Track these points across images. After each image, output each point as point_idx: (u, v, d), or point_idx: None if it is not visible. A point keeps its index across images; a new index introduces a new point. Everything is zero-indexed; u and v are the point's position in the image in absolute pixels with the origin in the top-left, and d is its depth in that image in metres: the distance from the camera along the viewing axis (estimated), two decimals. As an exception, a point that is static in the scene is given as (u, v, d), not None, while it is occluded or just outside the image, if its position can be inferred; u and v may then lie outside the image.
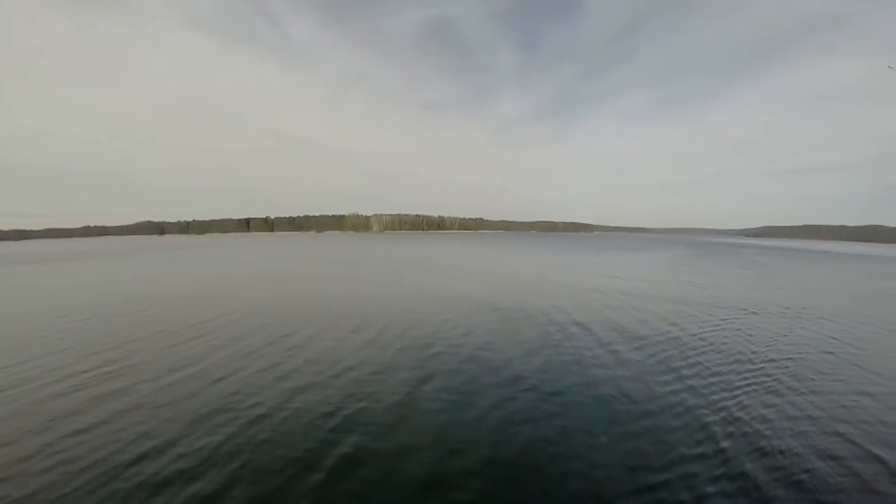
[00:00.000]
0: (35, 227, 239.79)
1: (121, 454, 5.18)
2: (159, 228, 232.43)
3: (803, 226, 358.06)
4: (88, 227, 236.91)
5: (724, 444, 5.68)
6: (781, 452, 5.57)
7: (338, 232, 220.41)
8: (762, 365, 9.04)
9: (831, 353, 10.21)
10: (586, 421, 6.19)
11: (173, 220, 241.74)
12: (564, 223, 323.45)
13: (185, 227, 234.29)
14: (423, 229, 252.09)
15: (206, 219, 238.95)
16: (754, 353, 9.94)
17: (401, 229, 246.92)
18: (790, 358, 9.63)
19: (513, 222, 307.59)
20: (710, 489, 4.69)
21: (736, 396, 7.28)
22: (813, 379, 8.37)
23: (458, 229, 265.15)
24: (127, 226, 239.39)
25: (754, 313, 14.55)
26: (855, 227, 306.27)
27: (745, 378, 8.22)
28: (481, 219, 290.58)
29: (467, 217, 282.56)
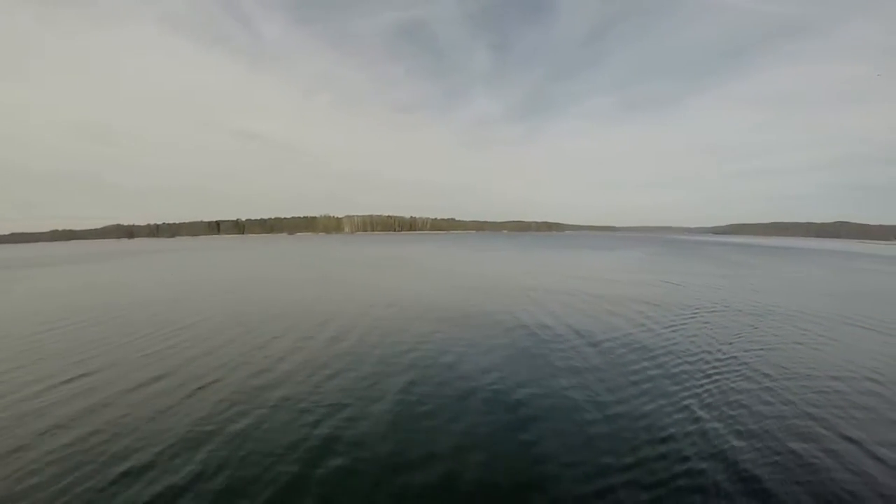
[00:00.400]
0: (0, 232, 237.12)
1: (96, 473, 4.91)
2: (128, 232, 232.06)
3: (771, 223, 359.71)
4: (56, 230, 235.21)
5: (693, 430, 5.90)
6: (753, 437, 5.74)
7: (310, 233, 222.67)
8: (731, 358, 9.20)
9: (801, 343, 10.45)
10: (558, 419, 6.22)
11: (143, 223, 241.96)
12: (536, 223, 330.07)
13: (155, 231, 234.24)
14: (395, 230, 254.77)
15: (176, 221, 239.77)
16: (723, 346, 10.07)
17: (373, 230, 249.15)
18: (759, 350, 9.81)
19: (485, 222, 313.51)
20: (679, 479, 4.82)
21: (704, 387, 7.44)
22: (785, 369, 8.54)
23: (431, 230, 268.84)
24: (96, 229, 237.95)
25: (722, 309, 14.83)
26: (822, 224, 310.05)
27: (714, 370, 8.39)
28: (453, 219, 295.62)
29: (439, 217, 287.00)
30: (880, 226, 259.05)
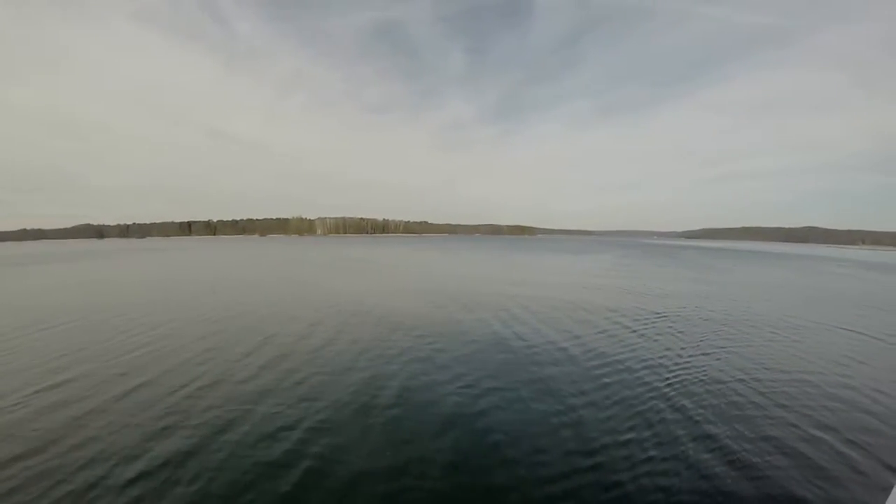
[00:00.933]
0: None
1: (67, 481, 4.78)
2: (98, 232, 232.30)
3: (742, 228, 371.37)
4: (25, 230, 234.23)
5: (659, 429, 6.03)
6: (718, 435, 5.89)
7: (282, 235, 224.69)
8: (696, 358, 9.39)
9: (770, 343, 10.74)
10: (523, 422, 6.26)
11: (113, 222, 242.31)
12: (509, 226, 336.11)
13: (126, 231, 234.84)
14: (367, 232, 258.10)
15: (147, 221, 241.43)
16: (689, 348, 10.22)
17: (345, 233, 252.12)
18: (725, 351, 10.01)
19: (458, 225, 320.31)
20: (643, 479, 4.91)
21: (669, 387, 7.57)
22: (752, 368, 8.69)
23: (403, 232, 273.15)
24: (65, 229, 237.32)
25: (690, 311, 15.09)
26: (791, 229, 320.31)
27: (683, 370, 8.52)
28: (426, 222, 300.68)
29: (412, 220, 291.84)
30: (847, 231, 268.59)
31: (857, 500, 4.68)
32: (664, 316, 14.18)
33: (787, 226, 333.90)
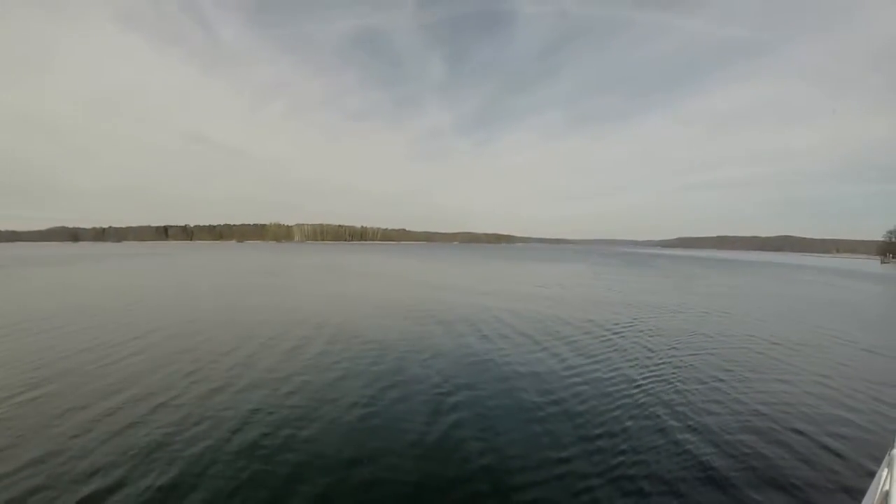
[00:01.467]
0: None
1: (53, 497, 4.49)
2: (73, 235, 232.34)
3: (718, 237, 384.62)
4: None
5: (629, 430, 6.04)
6: (688, 431, 5.98)
7: (259, 241, 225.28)
8: (672, 359, 9.67)
9: (747, 348, 11.00)
10: (498, 420, 6.37)
11: (88, 226, 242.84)
12: (487, 234, 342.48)
13: (101, 235, 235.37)
14: (345, 240, 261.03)
15: (123, 225, 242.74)
16: (667, 351, 10.45)
17: (323, 240, 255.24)
18: (699, 353, 10.30)
19: (435, 233, 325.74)
20: (616, 471, 4.96)
21: (645, 388, 7.72)
22: (730, 371, 8.91)
23: (381, 240, 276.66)
24: (39, 231, 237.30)
25: (669, 316, 15.49)
26: (767, 238, 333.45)
27: (656, 372, 8.69)
28: (404, 229, 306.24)
29: (390, 228, 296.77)
30: (822, 240, 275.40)
31: (837, 491, 4.69)
32: (641, 322, 14.41)
33: (762, 235, 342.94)
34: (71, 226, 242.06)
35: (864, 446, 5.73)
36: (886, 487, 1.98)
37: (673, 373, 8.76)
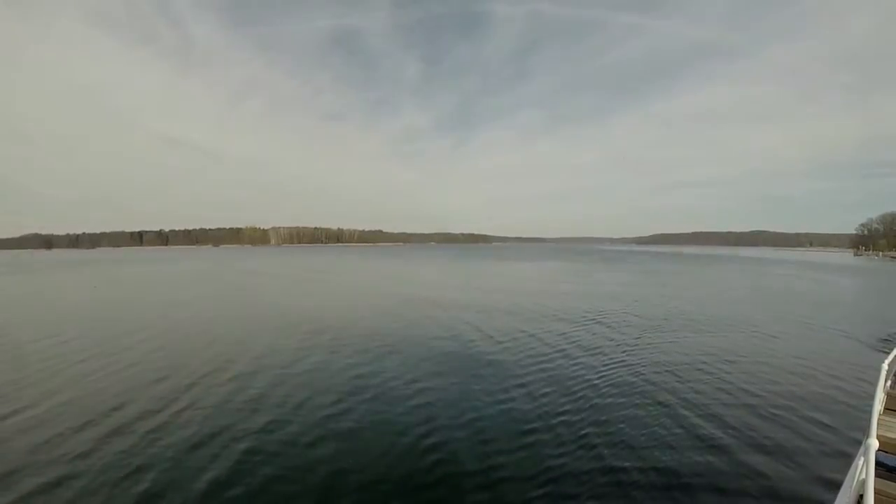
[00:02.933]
0: None
1: None
2: (46, 242, 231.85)
3: (693, 233, 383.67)
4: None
5: (602, 416, 6.37)
6: (657, 425, 6.05)
7: (236, 245, 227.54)
8: (650, 349, 10.10)
9: (721, 336, 11.46)
10: (464, 423, 6.40)
11: (62, 232, 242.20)
12: (464, 234, 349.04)
13: (75, 241, 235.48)
14: (322, 242, 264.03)
15: (97, 231, 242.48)
16: (643, 341, 10.90)
17: (299, 242, 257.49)
18: (679, 341, 10.71)
19: (412, 234, 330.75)
20: (563, 467, 5.08)
21: (608, 380, 7.98)
22: (704, 361, 9.21)
23: (358, 242, 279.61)
24: (12, 238, 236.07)
25: (645, 309, 15.95)
26: (741, 233, 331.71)
27: (622, 360, 9.24)
28: (381, 231, 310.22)
29: (366, 229, 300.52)
30: (796, 234, 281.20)
31: (817, 472, 4.82)
32: (601, 316, 14.81)
33: (737, 230, 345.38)
34: (44, 233, 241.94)
35: (840, 433, 5.82)
36: (863, 476, 2.01)
37: (641, 360, 9.28)
